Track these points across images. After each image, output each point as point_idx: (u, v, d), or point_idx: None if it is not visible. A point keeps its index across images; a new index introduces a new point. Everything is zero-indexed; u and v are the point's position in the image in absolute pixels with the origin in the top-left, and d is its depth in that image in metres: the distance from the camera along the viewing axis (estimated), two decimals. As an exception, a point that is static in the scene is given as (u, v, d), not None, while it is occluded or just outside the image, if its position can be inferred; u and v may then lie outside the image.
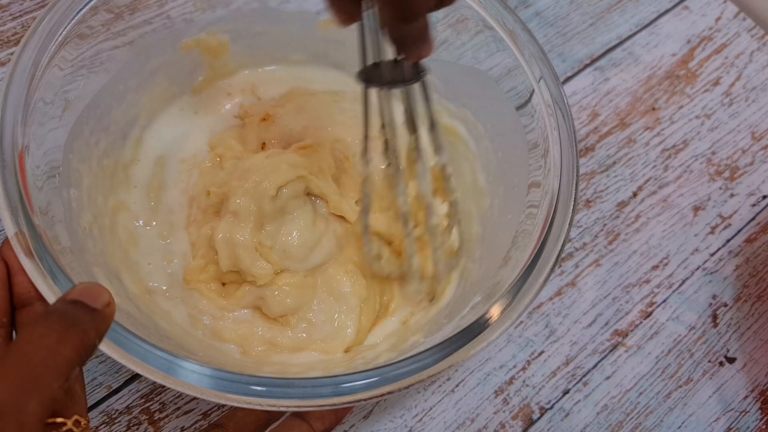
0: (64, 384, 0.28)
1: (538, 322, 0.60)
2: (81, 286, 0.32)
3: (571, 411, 0.57)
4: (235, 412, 0.40)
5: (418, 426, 0.54)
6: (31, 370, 0.28)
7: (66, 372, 0.28)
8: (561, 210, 0.44)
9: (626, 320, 0.61)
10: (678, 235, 0.66)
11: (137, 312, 0.45)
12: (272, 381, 0.36)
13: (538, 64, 0.49)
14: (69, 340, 0.29)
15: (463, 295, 0.49)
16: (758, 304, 0.63)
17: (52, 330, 0.29)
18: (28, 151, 0.40)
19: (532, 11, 0.77)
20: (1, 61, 0.63)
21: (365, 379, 0.36)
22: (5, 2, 0.65)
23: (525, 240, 0.45)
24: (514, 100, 0.51)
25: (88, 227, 0.46)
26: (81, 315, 0.30)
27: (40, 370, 0.28)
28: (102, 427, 0.51)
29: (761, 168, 0.71)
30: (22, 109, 0.40)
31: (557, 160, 0.46)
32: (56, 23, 0.43)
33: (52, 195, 0.42)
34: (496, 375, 0.57)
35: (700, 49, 0.77)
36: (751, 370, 0.60)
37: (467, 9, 0.52)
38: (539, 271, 0.41)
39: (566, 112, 0.48)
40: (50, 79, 0.43)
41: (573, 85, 0.73)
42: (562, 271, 0.62)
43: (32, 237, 0.36)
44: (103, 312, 0.32)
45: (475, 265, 0.52)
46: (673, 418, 0.57)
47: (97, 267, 0.44)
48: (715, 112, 0.73)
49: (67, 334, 0.29)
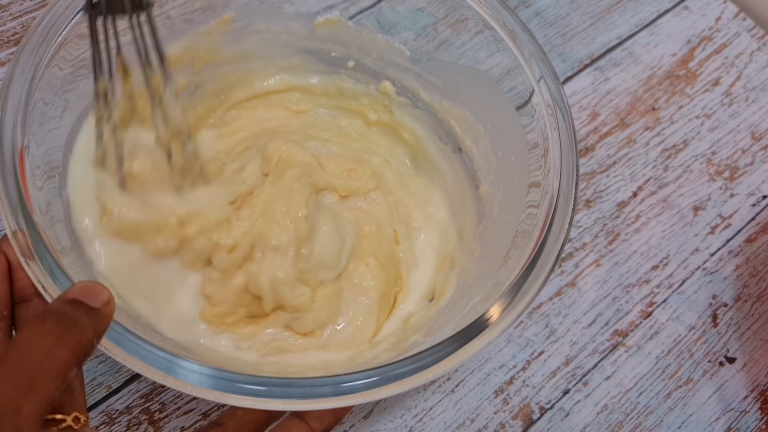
0: (61, 384, 0.28)
1: (538, 322, 0.60)
2: (80, 284, 0.32)
3: (571, 411, 0.57)
4: (235, 411, 0.40)
5: (418, 426, 0.54)
6: (29, 371, 0.28)
7: (64, 373, 0.29)
8: (561, 210, 0.44)
9: (626, 320, 0.61)
10: (678, 235, 0.66)
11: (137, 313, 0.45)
12: (272, 381, 0.36)
13: (538, 64, 0.49)
14: (67, 341, 0.29)
15: (463, 295, 0.49)
16: (758, 304, 0.63)
17: (50, 331, 0.29)
18: (28, 151, 0.40)
19: (532, 11, 0.77)
20: (1, 61, 0.63)
21: (365, 379, 0.36)
22: (5, 2, 0.65)
23: (525, 240, 0.45)
24: (514, 100, 0.51)
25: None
26: (79, 315, 0.30)
27: (38, 371, 0.28)
28: (102, 427, 0.51)
29: (761, 168, 0.71)
30: (22, 109, 0.40)
31: (557, 160, 0.46)
32: (56, 23, 0.43)
33: (52, 195, 0.42)
34: (496, 375, 0.57)
35: (700, 49, 0.77)
36: (751, 370, 0.60)
37: (467, 9, 0.52)
38: (539, 271, 0.41)
39: (566, 112, 0.48)
40: (50, 79, 0.43)
41: (573, 85, 0.73)
42: (562, 271, 0.62)
43: (32, 237, 0.36)
44: (102, 311, 0.32)
45: (475, 265, 0.52)
46: (673, 418, 0.57)
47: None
48: (715, 112, 0.73)
49: (65, 335, 0.29)
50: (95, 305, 0.31)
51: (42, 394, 0.27)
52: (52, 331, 0.29)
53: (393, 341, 0.50)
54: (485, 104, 0.55)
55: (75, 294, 0.31)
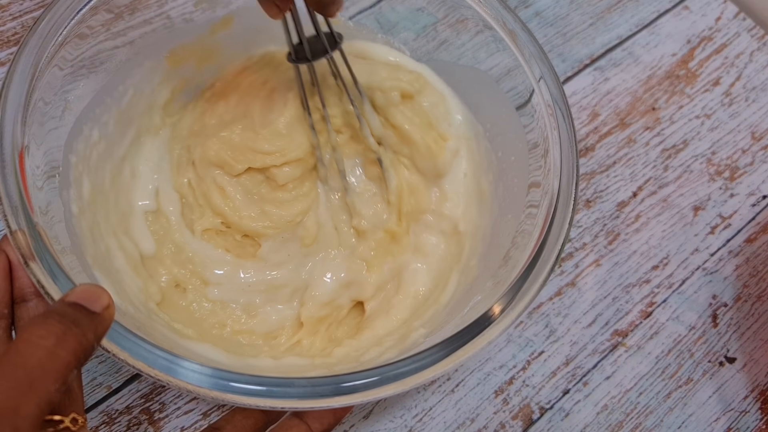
0: (61, 387, 0.28)
1: (538, 322, 0.60)
2: (81, 288, 0.32)
3: (571, 411, 0.57)
4: (234, 414, 0.40)
5: (418, 426, 0.54)
6: (29, 372, 0.28)
7: (63, 375, 0.28)
8: (561, 210, 0.44)
9: (626, 320, 0.61)
10: (678, 235, 0.66)
11: (136, 311, 0.45)
12: (272, 380, 0.36)
13: (538, 63, 0.49)
14: (68, 343, 0.29)
15: (463, 295, 0.49)
16: (758, 304, 0.63)
17: (50, 332, 0.29)
18: (28, 151, 0.40)
19: (531, 11, 0.77)
20: (1, 61, 0.63)
21: (365, 379, 0.36)
22: (5, 2, 0.65)
23: (525, 240, 0.45)
24: (514, 100, 0.51)
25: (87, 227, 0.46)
26: (80, 318, 0.30)
27: (38, 372, 0.28)
28: (102, 427, 0.51)
29: (761, 168, 0.71)
30: (22, 109, 0.40)
31: (557, 160, 0.46)
32: (56, 23, 0.43)
33: (52, 195, 0.42)
34: (496, 375, 0.57)
35: (700, 49, 0.77)
36: (751, 370, 0.60)
37: (467, 9, 0.52)
38: (539, 271, 0.41)
39: (566, 112, 0.48)
40: (50, 79, 0.43)
41: (573, 85, 0.73)
42: (562, 271, 0.62)
43: (32, 236, 0.36)
44: (102, 315, 0.32)
45: (475, 264, 0.52)
46: (673, 418, 0.57)
47: (97, 268, 0.44)
48: (715, 112, 0.73)
49: (66, 336, 0.29)
50: (95, 309, 0.31)
51: (42, 395, 0.27)
52: (53, 332, 0.29)
53: (395, 339, 0.50)
54: (485, 104, 0.55)
55: (75, 297, 0.31)
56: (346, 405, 0.36)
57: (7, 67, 0.41)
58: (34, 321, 0.30)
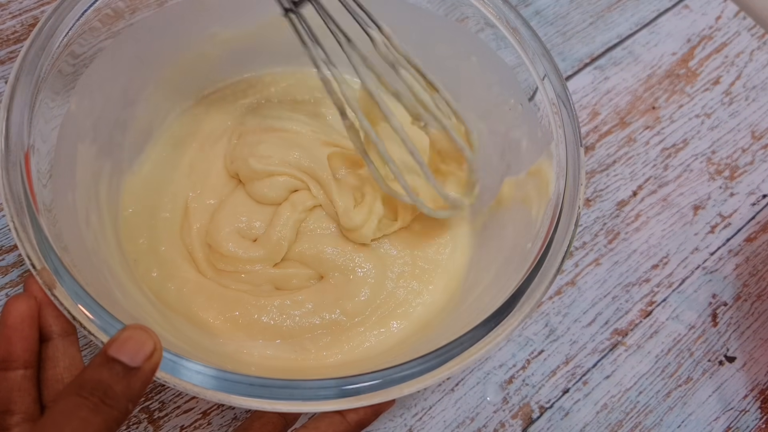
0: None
1: (538, 321, 0.60)
2: (125, 334, 0.32)
3: (571, 410, 0.57)
4: (252, 423, 0.39)
5: (417, 425, 0.54)
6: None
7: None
8: (567, 210, 0.43)
9: (626, 319, 0.61)
10: (678, 234, 0.66)
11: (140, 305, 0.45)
12: (276, 382, 0.36)
13: (541, 61, 0.49)
14: (101, 412, 0.30)
15: (468, 297, 0.49)
16: (758, 303, 0.63)
17: (84, 404, 0.30)
18: (34, 149, 0.39)
19: (531, 10, 0.76)
20: (1, 59, 0.63)
21: (369, 381, 0.36)
22: (5, 0, 0.65)
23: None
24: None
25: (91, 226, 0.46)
26: (114, 383, 0.30)
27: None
28: (102, 426, 0.51)
29: (761, 167, 0.71)
30: (28, 108, 0.40)
31: (563, 159, 0.46)
32: (60, 23, 0.43)
33: (56, 194, 0.42)
34: (495, 374, 0.57)
35: (700, 48, 0.77)
36: (751, 369, 0.60)
37: (468, 7, 0.52)
38: (545, 272, 0.41)
39: (571, 110, 0.47)
40: (54, 78, 0.43)
41: (573, 84, 0.73)
42: (562, 270, 0.62)
43: (36, 236, 0.36)
44: (142, 369, 0.31)
45: (479, 266, 0.52)
46: (673, 417, 0.58)
47: (105, 268, 0.44)
48: (715, 111, 0.73)
49: (92, 419, 0.30)
50: (136, 363, 0.31)
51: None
52: (86, 404, 0.30)
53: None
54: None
55: (116, 350, 0.31)
56: (349, 408, 0.36)
57: (11, 66, 0.41)
58: (69, 391, 0.30)
